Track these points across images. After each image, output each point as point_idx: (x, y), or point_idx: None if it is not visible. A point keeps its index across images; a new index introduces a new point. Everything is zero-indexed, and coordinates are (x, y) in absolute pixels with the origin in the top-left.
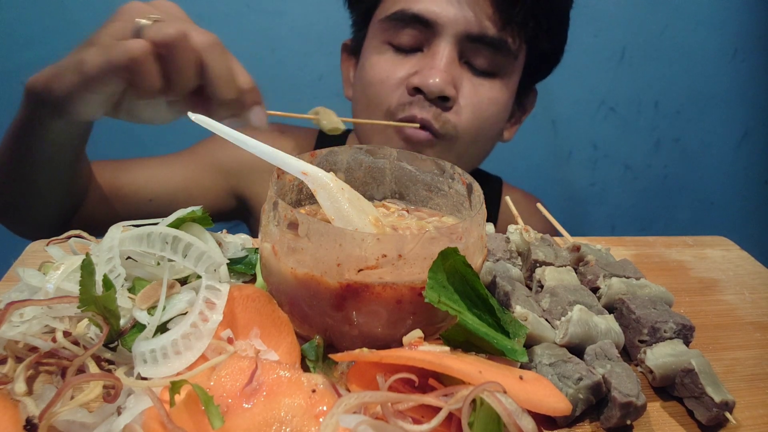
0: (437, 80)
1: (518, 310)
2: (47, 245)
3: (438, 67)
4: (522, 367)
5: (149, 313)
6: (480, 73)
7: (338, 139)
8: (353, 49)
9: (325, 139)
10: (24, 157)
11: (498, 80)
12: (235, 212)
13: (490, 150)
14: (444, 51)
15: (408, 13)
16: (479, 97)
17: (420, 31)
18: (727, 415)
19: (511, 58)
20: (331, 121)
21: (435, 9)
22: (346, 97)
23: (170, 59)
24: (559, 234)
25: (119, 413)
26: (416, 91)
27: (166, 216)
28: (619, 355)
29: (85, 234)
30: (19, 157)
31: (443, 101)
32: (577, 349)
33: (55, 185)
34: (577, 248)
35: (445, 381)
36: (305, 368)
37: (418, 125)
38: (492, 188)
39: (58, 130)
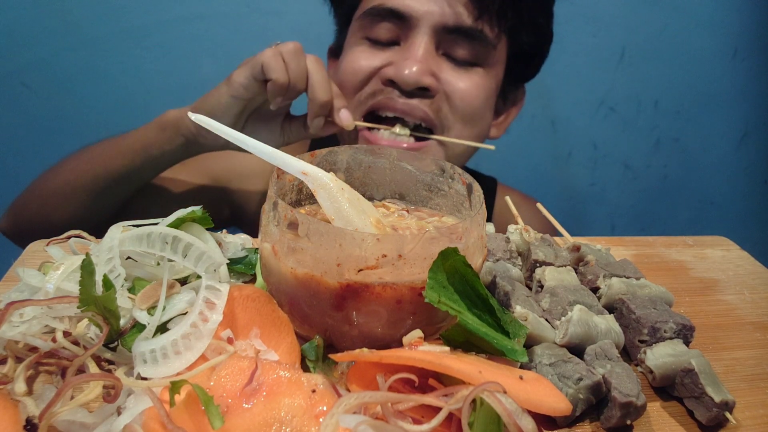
0: (413, 70)
1: (518, 310)
2: (47, 245)
3: (414, 57)
4: (522, 367)
5: (149, 313)
6: (460, 64)
7: (331, 140)
8: (336, 52)
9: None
10: (129, 176)
11: (479, 69)
12: (229, 220)
13: (483, 134)
14: (420, 42)
15: (384, 7)
16: (462, 84)
17: (396, 25)
18: (727, 415)
19: (490, 47)
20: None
21: (410, 2)
22: None
23: (291, 63)
24: (559, 234)
25: (119, 413)
26: (390, 83)
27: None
28: (619, 355)
29: (85, 234)
30: (125, 175)
31: (423, 91)
32: (577, 349)
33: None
34: (577, 248)
35: (445, 381)
36: (305, 368)
37: (407, 133)
38: (486, 188)
39: (178, 156)
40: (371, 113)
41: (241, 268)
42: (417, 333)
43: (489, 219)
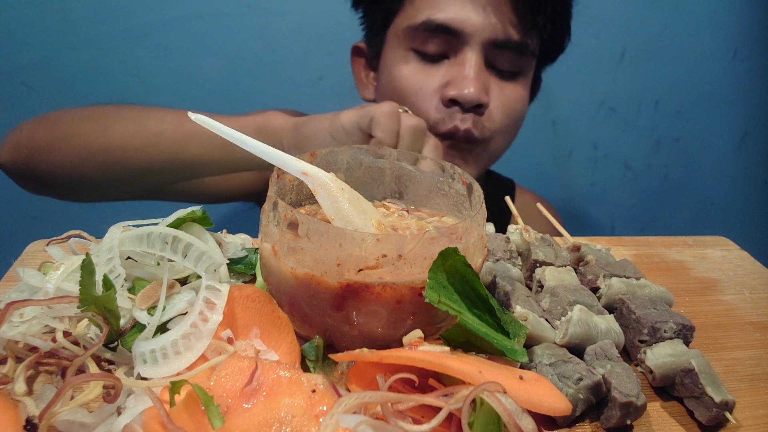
0: (471, 90)
1: (518, 310)
2: (47, 245)
3: (469, 76)
4: (522, 367)
5: (149, 313)
6: (504, 75)
7: None
8: (369, 53)
9: None
10: (199, 166)
11: (520, 79)
12: (261, 195)
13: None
14: (472, 59)
15: (435, 22)
16: (507, 99)
17: (446, 40)
18: (727, 415)
19: (531, 58)
20: None
21: (462, 18)
22: (364, 98)
23: (406, 140)
24: (559, 234)
25: (119, 413)
26: (452, 102)
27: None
28: (619, 355)
29: (85, 234)
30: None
31: (477, 108)
32: (577, 349)
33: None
34: (577, 248)
35: (445, 381)
36: (305, 368)
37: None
38: (506, 190)
39: (263, 164)
40: None
41: (241, 268)
42: (417, 333)
43: (508, 221)
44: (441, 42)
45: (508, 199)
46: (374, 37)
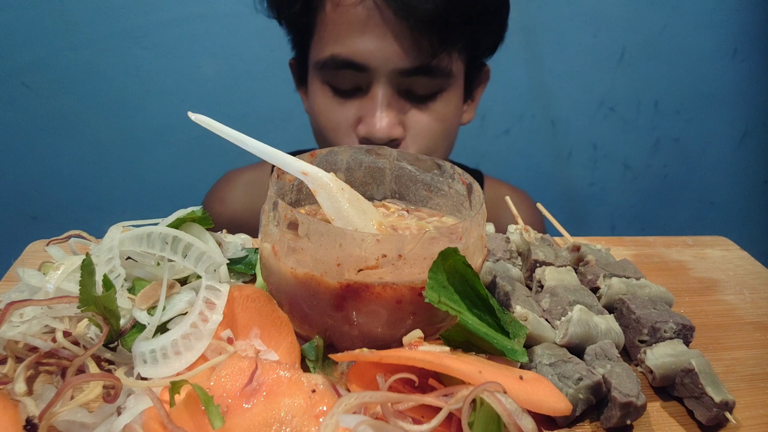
0: (382, 127)
1: (518, 310)
2: (47, 245)
3: (379, 114)
4: (522, 367)
5: (149, 313)
6: (423, 99)
7: None
8: (299, 76)
9: None
10: None
11: (442, 96)
12: None
13: (454, 141)
14: (380, 94)
15: (339, 59)
16: (427, 124)
17: (354, 74)
18: (727, 415)
19: (450, 77)
20: None
21: (364, 51)
22: (307, 112)
23: None
24: (558, 234)
25: (119, 413)
26: (365, 140)
27: None
28: (619, 355)
29: (85, 234)
30: None
31: (392, 142)
32: (577, 349)
33: None
34: (577, 248)
35: (445, 381)
36: (305, 368)
37: None
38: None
39: None
40: None
41: (241, 268)
42: (417, 333)
43: None
44: (350, 76)
45: (508, 199)
46: (300, 63)
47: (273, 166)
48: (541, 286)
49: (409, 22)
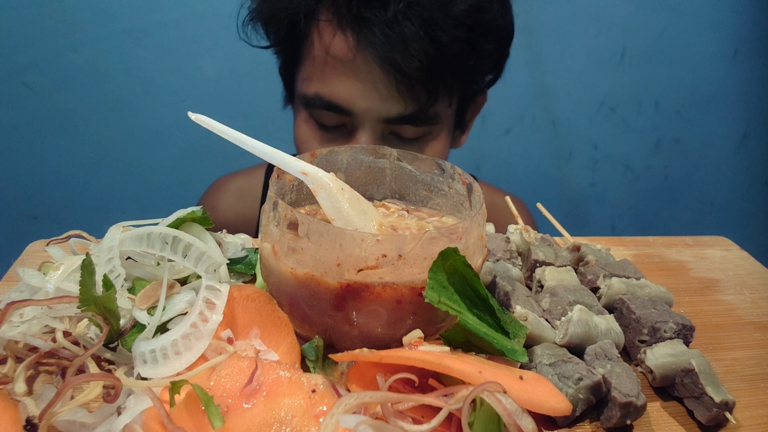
0: None
1: (518, 310)
2: (47, 245)
3: None
4: (522, 367)
5: (149, 313)
6: (409, 141)
7: None
8: (287, 94)
9: None
10: None
11: (430, 138)
12: None
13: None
14: (364, 138)
15: (324, 100)
16: None
17: (338, 114)
18: (727, 415)
19: (438, 122)
20: None
21: (348, 98)
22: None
23: None
24: (558, 234)
25: (119, 413)
26: None
27: None
28: (619, 355)
29: (85, 234)
30: None
31: None
32: (577, 349)
33: None
34: (577, 248)
35: (445, 381)
36: (305, 368)
37: None
38: None
39: None
40: None
41: (241, 268)
42: (417, 333)
43: None
44: (333, 116)
45: (508, 198)
46: (286, 85)
47: (264, 172)
48: (541, 286)
49: (397, 74)
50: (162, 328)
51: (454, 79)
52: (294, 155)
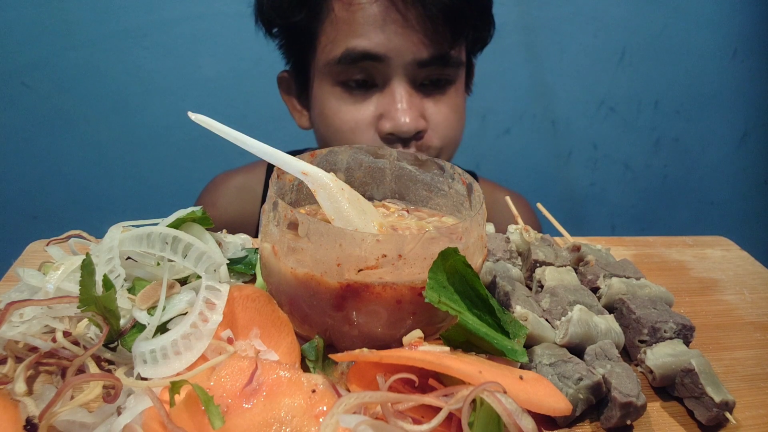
0: (407, 120)
1: (518, 310)
2: (47, 245)
3: (403, 107)
4: (522, 367)
5: (149, 313)
6: (436, 90)
7: None
8: (295, 88)
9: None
10: None
11: (454, 87)
12: None
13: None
14: (401, 88)
15: (355, 52)
16: (444, 114)
17: (370, 67)
18: (727, 415)
19: (462, 66)
20: None
21: (381, 43)
22: (302, 127)
23: None
24: (558, 234)
25: (119, 413)
26: (389, 135)
27: None
28: (619, 355)
29: (85, 234)
30: None
31: (417, 134)
32: (577, 349)
33: None
34: (577, 248)
35: (445, 381)
36: (305, 368)
37: None
38: None
39: None
40: None
41: (241, 268)
42: (417, 333)
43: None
44: (365, 71)
45: (508, 198)
46: (298, 74)
47: (265, 170)
48: (541, 286)
49: (427, 13)
50: (162, 328)
51: (474, 16)
52: (293, 154)
